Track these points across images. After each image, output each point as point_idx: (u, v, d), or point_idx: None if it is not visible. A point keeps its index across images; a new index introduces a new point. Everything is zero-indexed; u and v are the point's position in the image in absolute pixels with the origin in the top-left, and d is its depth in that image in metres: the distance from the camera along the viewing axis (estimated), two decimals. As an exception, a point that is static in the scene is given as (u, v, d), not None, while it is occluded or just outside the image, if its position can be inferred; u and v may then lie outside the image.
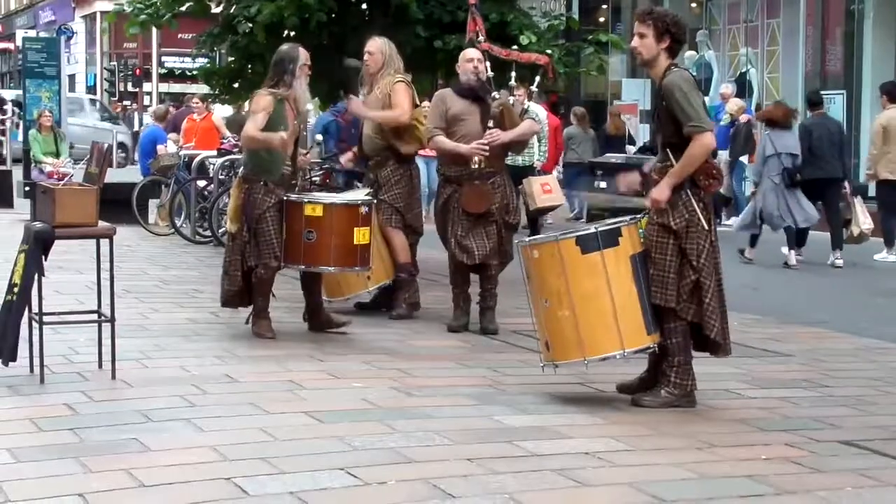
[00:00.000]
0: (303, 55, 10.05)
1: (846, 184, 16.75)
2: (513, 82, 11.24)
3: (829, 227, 16.60)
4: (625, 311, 7.66)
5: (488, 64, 10.78)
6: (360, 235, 9.84)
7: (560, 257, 7.71)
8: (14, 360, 7.98)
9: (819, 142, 16.32)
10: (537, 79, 11.54)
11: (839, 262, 16.26)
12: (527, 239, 8.31)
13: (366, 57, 11.02)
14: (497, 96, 10.52)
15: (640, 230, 7.81)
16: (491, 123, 10.25)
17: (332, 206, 9.85)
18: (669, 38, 7.79)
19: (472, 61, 10.53)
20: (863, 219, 16.51)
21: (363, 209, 9.88)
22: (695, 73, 25.60)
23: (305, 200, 9.82)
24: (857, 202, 16.69)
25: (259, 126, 9.76)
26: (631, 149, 25.58)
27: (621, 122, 25.15)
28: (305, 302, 10.30)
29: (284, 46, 10.35)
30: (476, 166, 10.19)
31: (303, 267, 9.96)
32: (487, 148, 10.18)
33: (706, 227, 7.67)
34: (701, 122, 7.58)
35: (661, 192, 7.66)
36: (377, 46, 11.01)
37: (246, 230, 9.79)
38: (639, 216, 7.87)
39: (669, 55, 7.83)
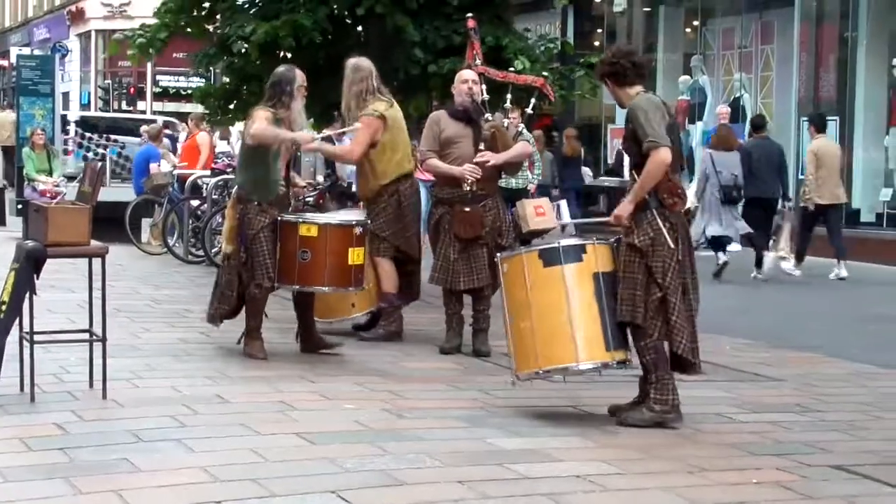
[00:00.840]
0: (299, 76, 10.06)
1: (788, 205, 18.08)
2: (508, 104, 11.22)
3: (755, 246, 17.52)
4: (582, 325, 7.82)
5: (484, 87, 10.75)
6: (355, 256, 9.85)
7: (524, 270, 7.94)
8: None
9: (758, 163, 17.45)
10: (532, 101, 11.51)
11: (762, 276, 17.23)
12: (498, 255, 8.50)
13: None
14: (489, 118, 10.50)
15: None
16: (482, 146, 10.26)
17: (327, 226, 9.86)
18: (612, 74, 8.09)
19: (466, 83, 10.53)
20: (783, 245, 17.74)
21: (357, 229, 9.90)
22: (689, 98, 25.91)
23: (300, 221, 9.83)
24: (786, 229, 17.84)
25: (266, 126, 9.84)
26: (586, 170, 25.80)
27: (577, 143, 25.28)
28: (298, 323, 10.29)
29: (281, 68, 10.34)
30: (468, 189, 10.20)
31: (297, 287, 9.96)
32: (479, 170, 10.19)
33: (671, 245, 7.74)
34: (657, 138, 7.71)
35: (623, 208, 7.86)
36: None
37: (243, 251, 9.79)
38: (611, 238, 8.04)
39: (625, 85, 8.06)
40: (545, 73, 14.45)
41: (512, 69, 13.87)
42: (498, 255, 8.57)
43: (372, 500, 6.00)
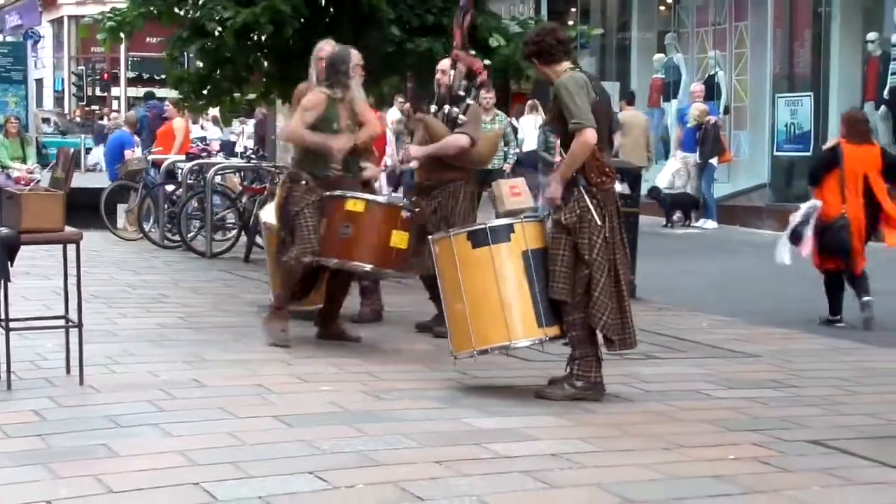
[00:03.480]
0: (355, 56, 9.92)
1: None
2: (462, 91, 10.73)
3: None
4: (513, 304, 7.92)
5: (462, 72, 10.49)
6: (398, 238, 9.51)
7: (454, 252, 8.05)
8: None
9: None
10: (472, 89, 11.00)
11: None
12: (429, 237, 8.60)
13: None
14: (470, 103, 10.35)
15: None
16: (407, 140, 10.21)
17: (374, 203, 9.63)
18: (537, 54, 8.11)
19: (437, 72, 10.50)
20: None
21: (405, 213, 9.63)
22: (663, 76, 25.94)
23: (348, 195, 9.60)
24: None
25: (307, 123, 9.76)
26: None
27: None
28: (323, 307, 10.13)
29: (338, 47, 10.14)
30: (418, 179, 10.24)
31: (335, 261, 9.74)
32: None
33: (599, 222, 7.80)
34: (582, 119, 7.75)
35: (553, 190, 7.97)
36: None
37: (285, 229, 9.73)
38: (539, 214, 8.10)
39: (552, 63, 8.06)
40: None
41: (475, 53, 13.67)
42: (429, 237, 8.61)
43: (349, 481, 6.00)
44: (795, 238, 11.66)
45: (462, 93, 10.32)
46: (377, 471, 6.24)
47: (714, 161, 22.03)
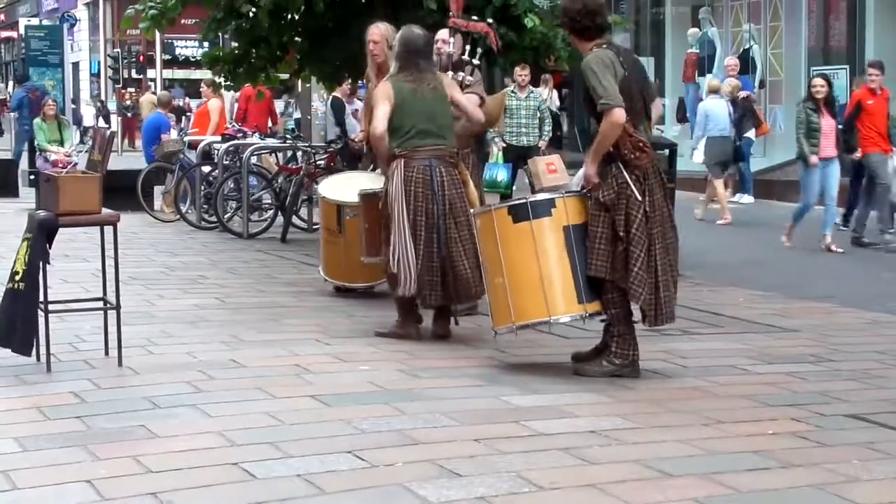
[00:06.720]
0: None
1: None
2: (476, 60, 10.73)
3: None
4: (552, 279, 7.90)
5: (458, 41, 10.54)
6: None
7: (495, 226, 8.04)
8: (31, 350, 7.96)
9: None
10: (478, 51, 11.04)
11: None
12: (471, 210, 8.66)
13: (370, 45, 10.58)
14: (476, 63, 10.39)
15: None
16: None
17: None
18: (572, 30, 8.15)
19: (437, 42, 10.50)
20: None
21: None
22: (698, 51, 25.81)
23: None
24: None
25: None
26: None
27: None
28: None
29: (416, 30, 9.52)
30: None
31: None
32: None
33: (639, 197, 7.78)
34: (609, 99, 7.71)
35: (588, 168, 7.93)
36: (381, 33, 10.34)
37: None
38: (582, 190, 8.08)
39: (584, 39, 8.06)
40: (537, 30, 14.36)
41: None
42: (471, 210, 8.66)
43: (388, 460, 6.01)
44: None
45: (466, 57, 10.40)
46: (416, 449, 6.24)
47: (751, 134, 21.89)
